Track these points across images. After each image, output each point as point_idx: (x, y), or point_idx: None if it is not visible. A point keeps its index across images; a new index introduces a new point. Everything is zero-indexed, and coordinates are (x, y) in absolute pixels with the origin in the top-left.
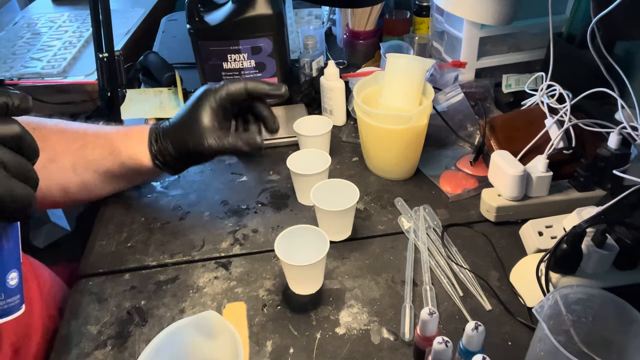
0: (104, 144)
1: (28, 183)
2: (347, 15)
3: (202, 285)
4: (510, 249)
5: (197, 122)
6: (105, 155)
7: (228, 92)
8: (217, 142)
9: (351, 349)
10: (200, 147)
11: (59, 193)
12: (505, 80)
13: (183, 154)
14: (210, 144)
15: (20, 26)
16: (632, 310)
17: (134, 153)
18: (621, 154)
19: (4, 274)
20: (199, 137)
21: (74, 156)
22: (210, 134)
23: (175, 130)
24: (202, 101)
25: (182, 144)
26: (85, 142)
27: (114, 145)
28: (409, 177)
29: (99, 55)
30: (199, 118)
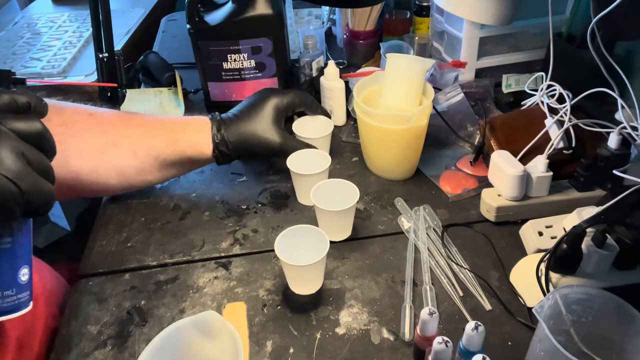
0: (165, 131)
1: (48, 179)
2: (347, 15)
3: (202, 285)
4: (510, 249)
5: (265, 121)
6: (166, 142)
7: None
8: (286, 144)
9: (351, 349)
10: (268, 145)
11: (115, 177)
12: (505, 80)
13: (245, 148)
14: (279, 143)
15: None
16: (632, 310)
17: (195, 142)
18: (621, 154)
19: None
20: (266, 135)
21: (135, 141)
22: (278, 133)
23: (240, 123)
24: (269, 100)
25: (249, 138)
26: (147, 128)
27: (175, 134)
28: (409, 177)
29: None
30: (267, 117)
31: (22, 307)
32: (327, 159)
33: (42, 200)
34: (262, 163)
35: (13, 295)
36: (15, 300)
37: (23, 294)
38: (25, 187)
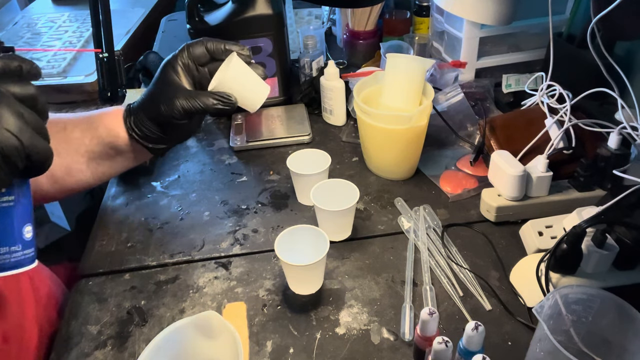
0: (82, 123)
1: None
2: (347, 15)
3: (202, 285)
4: (510, 249)
5: (164, 87)
6: (84, 132)
7: (189, 54)
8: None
9: (351, 349)
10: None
11: (45, 179)
12: (505, 80)
13: (156, 120)
14: (181, 104)
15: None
16: (632, 310)
17: (111, 127)
18: (621, 154)
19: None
20: (168, 99)
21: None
22: (179, 95)
23: (146, 99)
24: (166, 67)
25: (155, 111)
26: (65, 123)
27: (91, 122)
28: (409, 177)
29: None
30: (166, 82)
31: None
32: (327, 159)
33: (41, 156)
34: (262, 163)
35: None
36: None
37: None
38: (27, 142)
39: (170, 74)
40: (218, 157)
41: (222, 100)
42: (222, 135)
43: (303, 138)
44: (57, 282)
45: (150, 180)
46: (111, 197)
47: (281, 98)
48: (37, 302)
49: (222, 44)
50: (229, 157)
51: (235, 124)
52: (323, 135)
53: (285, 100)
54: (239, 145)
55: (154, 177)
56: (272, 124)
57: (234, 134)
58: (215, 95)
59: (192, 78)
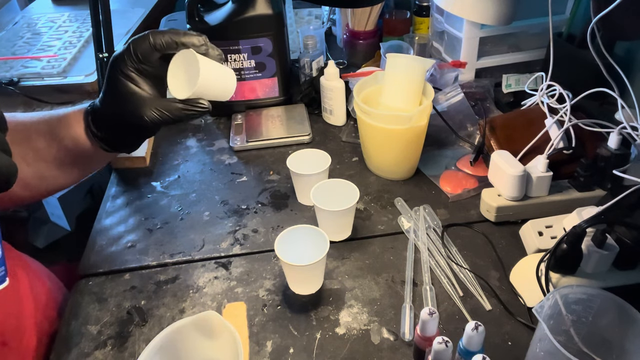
0: (47, 131)
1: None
2: (347, 15)
3: (202, 285)
4: (510, 249)
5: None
6: (49, 141)
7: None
8: (156, 114)
9: (351, 349)
10: (141, 123)
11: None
12: (505, 80)
13: (123, 132)
14: (149, 116)
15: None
16: (632, 310)
17: (76, 137)
18: (621, 154)
19: None
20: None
21: (21, 147)
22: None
23: (107, 110)
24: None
25: (119, 122)
26: (28, 132)
27: (55, 131)
28: (409, 177)
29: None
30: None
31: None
32: (327, 159)
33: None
34: (262, 163)
35: None
36: None
37: None
38: None
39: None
40: (218, 157)
41: (194, 109)
42: (222, 135)
43: (303, 138)
44: (56, 282)
45: (150, 180)
46: (111, 197)
47: (281, 98)
48: (36, 302)
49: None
50: (229, 157)
51: (235, 124)
52: (323, 135)
53: (285, 100)
54: (239, 145)
55: (154, 177)
56: (272, 124)
57: (234, 134)
58: (187, 105)
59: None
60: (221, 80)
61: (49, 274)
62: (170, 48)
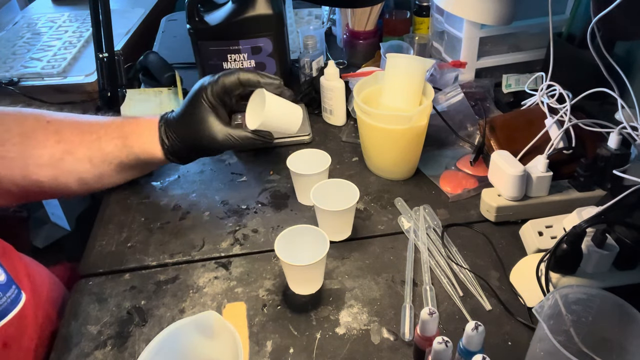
0: (118, 137)
1: None
2: (347, 15)
3: (202, 285)
4: (510, 249)
5: (205, 119)
6: (119, 147)
7: (223, 86)
8: (230, 139)
9: (351, 349)
10: (213, 144)
11: (75, 183)
12: (505, 80)
13: (195, 149)
14: (223, 139)
15: (20, 26)
16: (632, 310)
17: (147, 147)
18: (621, 154)
19: None
20: (211, 134)
21: (89, 148)
22: (220, 130)
23: (180, 124)
24: (199, 97)
25: (195, 140)
26: (100, 134)
27: (127, 140)
28: (409, 177)
29: (99, 55)
30: (201, 113)
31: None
32: (327, 159)
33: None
34: (262, 163)
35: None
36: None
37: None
38: None
39: (206, 106)
40: (218, 157)
41: (259, 139)
42: None
43: (303, 138)
44: (56, 282)
45: (150, 180)
46: (111, 197)
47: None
48: (37, 302)
49: (256, 77)
50: (229, 157)
51: (235, 124)
52: (323, 135)
53: None
54: None
55: (154, 177)
56: None
57: None
58: (255, 135)
59: (224, 107)
60: (287, 116)
61: (49, 274)
62: (252, 85)
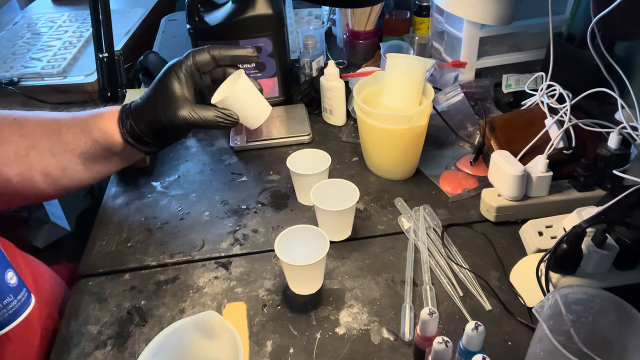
0: (77, 125)
1: None
2: (347, 15)
3: (202, 285)
4: (510, 249)
5: (167, 96)
6: (78, 134)
7: (194, 62)
8: (191, 115)
9: (351, 349)
10: (174, 121)
11: (41, 179)
12: (505, 80)
13: (155, 128)
14: (184, 116)
15: (20, 26)
16: (632, 310)
17: (106, 130)
18: (621, 154)
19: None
20: (171, 110)
21: (50, 140)
22: (182, 106)
23: (146, 105)
24: (169, 74)
25: (154, 118)
26: (60, 125)
27: (86, 124)
28: (409, 177)
29: (99, 55)
30: (168, 91)
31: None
32: (327, 159)
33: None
34: (262, 163)
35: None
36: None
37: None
38: None
39: (173, 82)
40: (218, 157)
41: (225, 117)
42: (222, 135)
43: (303, 138)
44: (58, 281)
45: (150, 180)
46: (111, 197)
47: (281, 98)
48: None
49: (228, 51)
50: (229, 157)
51: None
52: (323, 135)
53: (285, 100)
54: (239, 145)
55: (154, 177)
56: (272, 124)
57: (234, 134)
58: (218, 111)
59: (194, 86)
60: (254, 104)
61: (51, 273)
62: (224, 60)
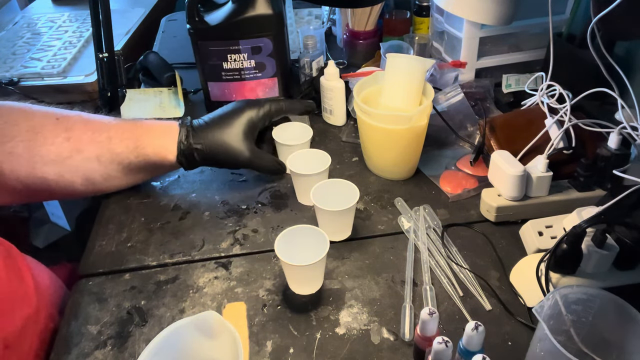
0: (129, 138)
1: None
2: (347, 15)
3: (202, 285)
4: (510, 249)
5: (235, 131)
6: (130, 149)
7: (270, 111)
8: (254, 158)
9: (351, 349)
10: (236, 158)
11: (82, 182)
12: (505, 80)
13: (211, 157)
14: (248, 157)
15: (20, 26)
16: (632, 310)
17: (160, 149)
18: (621, 154)
19: None
20: (235, 146)
21: (99, 147)
22: (249, 147)
23: (210, 131)
24: (243, 112)
25: (216, 147)
26: (110, 134)
27: (139, 140)
28: (409, 177)
29: (99, 55)
30: (237, 127)
31: None
32: (327, 159)
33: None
34: None
35: None
36: None
37: None
38: None
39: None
40: None
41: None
42: None
43: None
44: (58, 282)
45: (150, 180)
46: (111, 197)
47: (281, 98)
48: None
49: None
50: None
51: None
52: (323, 135)
53: None
54: None
55: (154, 177)
56: None
57: None
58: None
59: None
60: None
61: (51, 274)
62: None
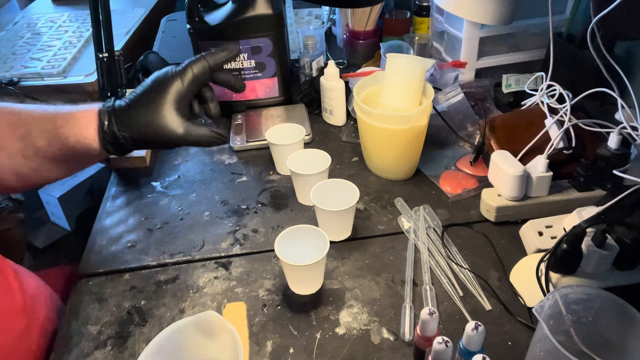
0: (49, 130)
1: None
2: (347, 15)
3: (202, 285)
4: (510, 249)
5: (162, 109)
6: (51, 141)
7: (195, 75)
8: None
9: (351, 349)
10: (169, 138)
11: (13, 178)
12: (505, 80)
13: (141, 142)
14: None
15: (20, 26)
16: (632, 310)
17: (83, 138)
18: (621, 154)
19: None
20: (166, 126)
21: (20, 143)
22: (180, 123)
23: (134, 114)
24: (168, 87)
25: (144, 131)
26: (30, 127)
27: (60, 132)
28: (409, 177)
29: (99, 55)
30: (165, 104)
31: None
32: (327, 159)
33: None
34: (262, 163)
35: None
36: None
37: None
38: None
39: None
40: (218, 157)
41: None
42: None
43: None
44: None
45: (150, 180)
46: (111, 197)
47: (281, 98)
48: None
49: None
50: (229, 157)
51: (235, 123)
52: (323, 135)
53: (285, 100)
54: (239, 145)
55: (153, 177)
56: (272, 124)
57: (234, 134)
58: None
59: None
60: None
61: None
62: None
